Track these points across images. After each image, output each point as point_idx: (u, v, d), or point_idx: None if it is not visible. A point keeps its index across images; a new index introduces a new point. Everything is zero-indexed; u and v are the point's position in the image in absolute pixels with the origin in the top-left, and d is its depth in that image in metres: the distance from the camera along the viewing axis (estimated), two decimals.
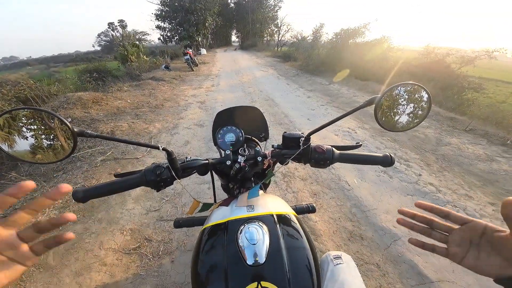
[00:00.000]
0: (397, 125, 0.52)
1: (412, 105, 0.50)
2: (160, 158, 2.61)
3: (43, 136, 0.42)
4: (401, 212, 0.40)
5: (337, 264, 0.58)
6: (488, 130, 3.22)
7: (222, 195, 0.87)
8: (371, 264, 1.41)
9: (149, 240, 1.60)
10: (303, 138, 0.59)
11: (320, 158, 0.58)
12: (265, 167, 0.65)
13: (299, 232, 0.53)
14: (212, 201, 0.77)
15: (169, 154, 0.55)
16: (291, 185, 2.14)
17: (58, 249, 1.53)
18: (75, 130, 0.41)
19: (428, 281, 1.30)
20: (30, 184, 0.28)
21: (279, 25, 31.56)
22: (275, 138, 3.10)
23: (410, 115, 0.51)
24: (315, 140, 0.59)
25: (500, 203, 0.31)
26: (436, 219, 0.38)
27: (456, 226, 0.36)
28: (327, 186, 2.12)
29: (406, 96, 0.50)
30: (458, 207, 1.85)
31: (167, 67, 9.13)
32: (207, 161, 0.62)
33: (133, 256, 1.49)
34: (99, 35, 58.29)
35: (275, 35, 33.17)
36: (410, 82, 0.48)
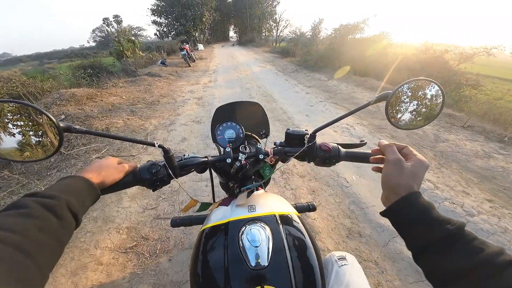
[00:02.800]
0: (408, 123, 0.50)
1: (424, 102, 0.47)
2: (157, 155, 2.57)
3: (27, 132, 0.40)
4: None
5: (342, 265, 0.56)
6: (486, 127, 3.23)
7: (221, 193, 0.85)
8: (370, 262, 1.41)
9: (146, 238, 1.58)
10: (308, 136, 0.56)
11: (326, 157, 0.55)
12: None
13: (302, 233, 0.51)
14: (210, 200, 0.74)
15: (166, 152, 0.52)
16: (289, 182, 2.12)
17: None
18: (61, 125, 0.38)
19: None
20: None
21: (278, 21, 31.18)
22: (274, 134, 3.07)
23: (422, 112, 0.48)
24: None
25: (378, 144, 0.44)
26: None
27: None
28: (325, 183, 2.11)
29: (418, 93, 0.47)
30: (455, 203, 1.85)
31: (163, 63, 8.99)
32: (206, 159, 0.59)
33: (130, 255, 1.46)
34: (94, 31, 57.25)
35: (274, 31, 32.81)
36: (422, 78, 0.46)
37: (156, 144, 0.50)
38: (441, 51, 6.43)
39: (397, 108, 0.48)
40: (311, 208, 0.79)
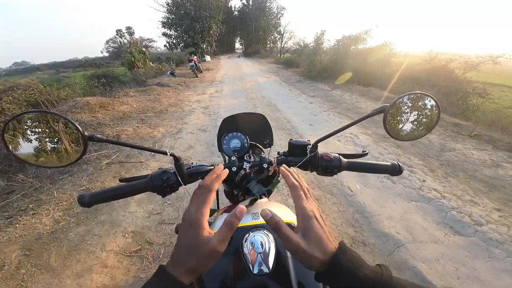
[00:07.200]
0: (406, 134, 0.52)
1: (420, 114, 0.50)
2: (163, 162, 2.64)
3: (53, 140, 0.43)
4: None
5: None
6: (494, 136, 3.17)
7: (225, 200, 0.88)
8: None
9: (151, 243, 1.60)
10: (310, 146, 0.58)
11: (328, 166, 0.56)
12: (270, 174, 0.64)
13: None
14: (214, 206, 0.77)
15: (177, 160, 0.55)
16: None
17: (61, 250, 1.55)
18: (85, 134, 0.41)
19: None
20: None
21: (282, 32, 32.07)
22: (278, 143, 3.11)
23: (419, 124, 0.51)
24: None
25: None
26: None
27: None
28: (329, 192, 2.11)
29: (415, 106, 0.50)
30: (463, 213, 1.81)
31: (172, 73, 9.33)
32: (212, 167, 0.62)
33: (134, 259, 1.49)
34: (107, 42, 60.08)
35: (278, 42, 33.67)
36: (419, 91, 0.48)
37: (168, 153, 0.52)
38: (446, 60, 6.44)
39: (395, 120, 0.51)
40: None
